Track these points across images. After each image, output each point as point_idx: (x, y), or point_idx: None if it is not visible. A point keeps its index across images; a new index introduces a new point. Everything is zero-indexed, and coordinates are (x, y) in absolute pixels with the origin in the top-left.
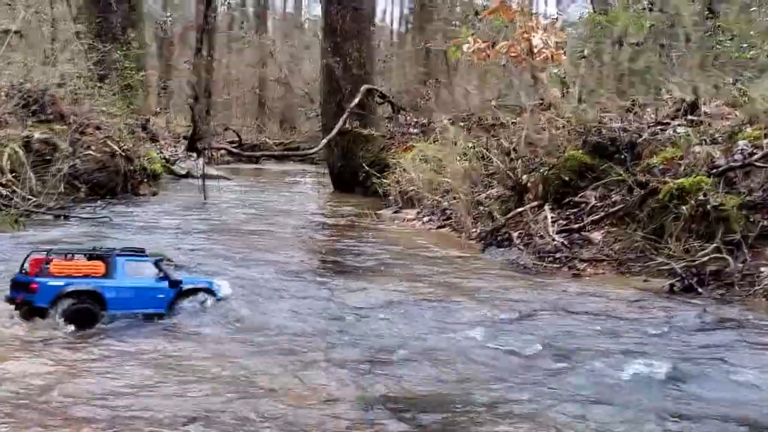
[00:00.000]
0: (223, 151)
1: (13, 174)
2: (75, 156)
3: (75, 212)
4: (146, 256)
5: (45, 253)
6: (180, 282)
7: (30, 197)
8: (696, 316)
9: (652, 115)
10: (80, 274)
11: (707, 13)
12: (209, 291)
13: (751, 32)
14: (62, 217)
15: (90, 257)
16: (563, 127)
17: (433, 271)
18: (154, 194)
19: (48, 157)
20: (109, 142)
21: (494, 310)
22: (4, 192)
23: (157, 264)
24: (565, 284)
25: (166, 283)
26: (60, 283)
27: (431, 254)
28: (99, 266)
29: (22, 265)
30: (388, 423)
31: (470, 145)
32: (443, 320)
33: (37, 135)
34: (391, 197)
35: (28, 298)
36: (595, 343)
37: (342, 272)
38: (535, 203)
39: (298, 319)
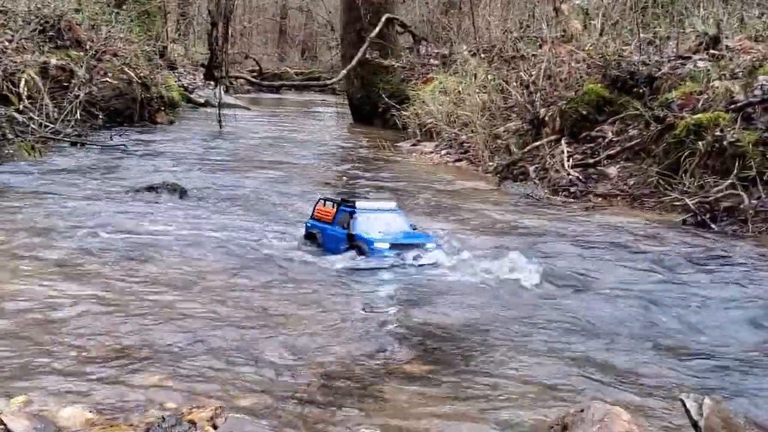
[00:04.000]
0: (242, 81)
1: (30, 100)
2: (92, 83)
3: (91, 139)
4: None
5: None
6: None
7: (47, 124)
8: (704, 250)
9: (674, 49)
10: (323, 219)
11: None
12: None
13: None
14: (78, 144)
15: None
16: (583, 60)
17: (449, 204)
18: (171, 123)
19: (65, 84)
20: (126, 69)
21: (507, 241)
22: (20, 118)
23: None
24: (578, 218)
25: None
26: (309, 224)
27: (448, 187)
28: (330, 212)
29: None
30: (397, 351)
31: (490, 77)
32: (456, 251)
33: (53, 61)
34: (409, 130)
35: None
36: (601, 274)
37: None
38: (553, 137)
39: (318, 253)
